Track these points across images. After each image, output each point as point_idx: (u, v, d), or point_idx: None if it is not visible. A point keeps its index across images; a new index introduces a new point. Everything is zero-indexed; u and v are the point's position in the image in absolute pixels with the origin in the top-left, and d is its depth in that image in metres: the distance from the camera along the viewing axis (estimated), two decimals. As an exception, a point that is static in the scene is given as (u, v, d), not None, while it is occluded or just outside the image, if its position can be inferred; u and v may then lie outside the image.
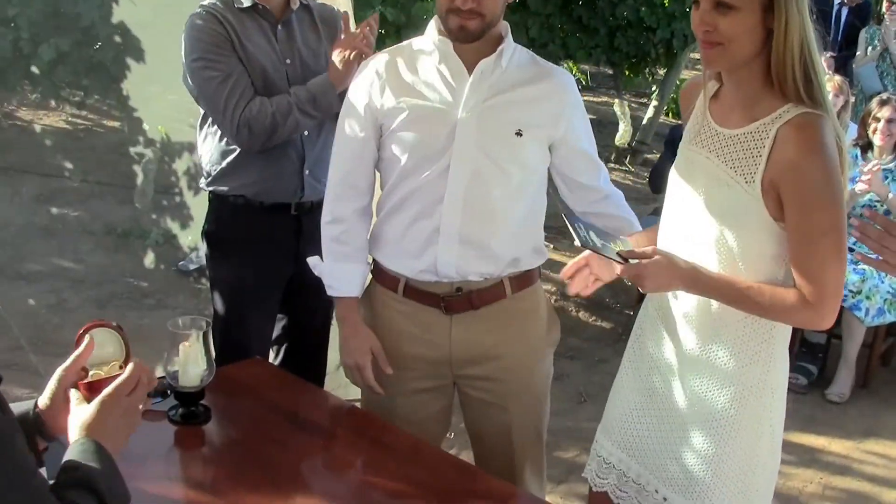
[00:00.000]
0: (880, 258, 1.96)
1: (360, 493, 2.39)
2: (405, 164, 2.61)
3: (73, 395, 1.83)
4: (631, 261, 2.21)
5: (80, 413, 1.79)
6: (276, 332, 3.47)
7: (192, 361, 2.41)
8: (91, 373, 1.93)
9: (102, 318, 2.11)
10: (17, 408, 1.80)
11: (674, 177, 2.36)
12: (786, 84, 2.11)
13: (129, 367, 1.85)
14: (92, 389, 1.85)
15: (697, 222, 2.26)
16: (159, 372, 2.39)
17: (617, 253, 2.24)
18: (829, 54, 8.21)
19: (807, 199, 2.10)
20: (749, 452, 2.33)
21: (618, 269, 2.25)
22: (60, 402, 1.87)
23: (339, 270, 2.77)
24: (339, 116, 2.77)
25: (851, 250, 5.10)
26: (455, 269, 2.61)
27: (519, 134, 2.57)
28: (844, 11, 8.42)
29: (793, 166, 2.09)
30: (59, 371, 1.90)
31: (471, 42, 2.53)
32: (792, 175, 2.09)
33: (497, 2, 2.52)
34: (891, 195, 5.09)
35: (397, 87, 2.62)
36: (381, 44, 2.98)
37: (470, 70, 2.57)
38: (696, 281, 2.22)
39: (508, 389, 2.71)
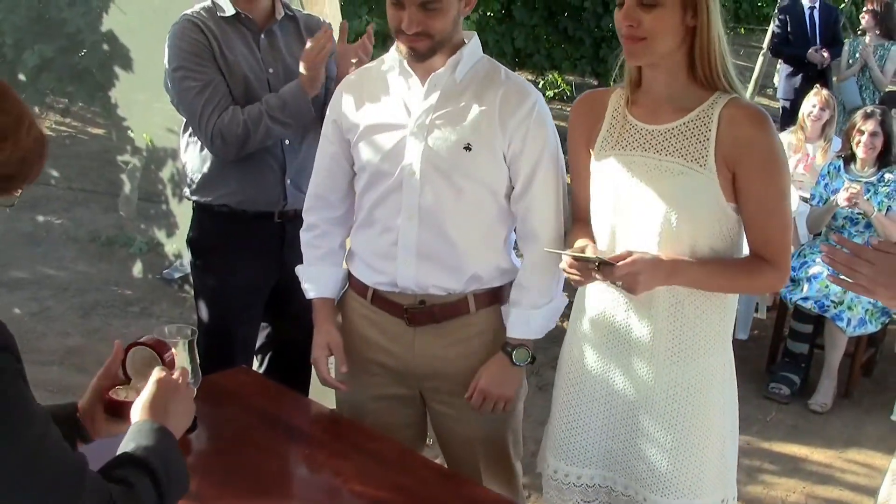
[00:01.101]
0: (851, 281, 2.00)
1: (345, 500, 2.39)
2: (366, 178, 2.62)
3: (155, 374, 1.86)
4: (618, 263, 2.22)
5: (141, 396, 1.80)
6: (260, 341, 3.47)
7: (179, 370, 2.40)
8: (123, 387, 1.96)
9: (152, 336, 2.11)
10: (57, 408, 1.83)
11: (603, 187, 2.39)
12: (712, 76, 2.25)
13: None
14: (112, 406, 1.88)
15: (649, 221, 2.30)
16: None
17: (596, 257, 2.26)
18: (815, 48, 8.29)
19: (766, 168, 2.24)
20: (721, 433, 2.41)
21: (599, 275, 2.25)
22: (96, 407, 1.89)
23: (310, 273, 2.81)
24: (321, 135, 2.79)
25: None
26: (415, 283, 2.61)
27: (468, 148, 2.51)
28: (816, 13, 8.49)
29: (749, 140, 2.22)
30: (96, 377, 1.94)
31: (422, 62, 2.50)
32: (749, 149, 2.22)
33: (447, 20, 2.45)
34: (875, 213, 5.12)
35: (359, 102, 2.62)
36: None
37: (424, 83, 2.55)
38: (679, 269, 2.27)
39: (469, 404, 2.68)
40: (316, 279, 2.81)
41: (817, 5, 8.55)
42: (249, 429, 2.58)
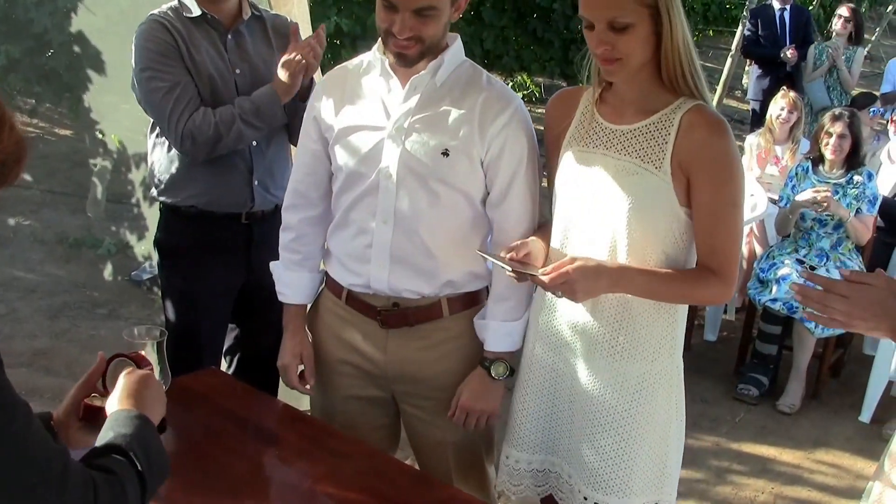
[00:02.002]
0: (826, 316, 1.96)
1: (316, 502, 2.38)
2: (342, 179, 2.61)
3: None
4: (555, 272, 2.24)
5: (115, 391, 1.81)
6: (228, 342, 3.46)
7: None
8: (100, 397, 1.94)
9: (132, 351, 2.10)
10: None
11: (565, 180, 2.42)
12: (678, 81, 2.27)
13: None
14: (88, 411, 1.86)
15: (602, 219, 2.33)
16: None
17: (510, 258, 2.29)
18: (790, 49, 8.36)
19: (719, 174, 2.25)
20: (663, 438, 2.43)
21: (542, 281, 2.26)
22: (71, 416, 1.88)
23: (287, 277, 2.80)
24: (301, 127, 2.77)
25: (801, 262, 5.20)
26: (388, 286, 2.60)
27: (445, 153, 2.49)
28: (787, 14, 8.58)
29: (704, 146, 2.24)
30: (75, 387, 1.92)
31: (410, 66, 2.47)
32: (703, 154, 2.24)
33: (438, 26, 2.43)
34: (850, 217, 5.17)
35: (338, 102, 2.60)
36: (337, 55, 2.99)
37: (405, 85, 2.52)
38: (623, 278, 2.28)
39: (441, 408, 2.68)
40: (293, 285, 2.80)
41: (788, 7, 8.64)
42: (219, 431, 2.57)
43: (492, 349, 2.63)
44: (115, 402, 1.78)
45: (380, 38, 2.53)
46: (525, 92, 11.39)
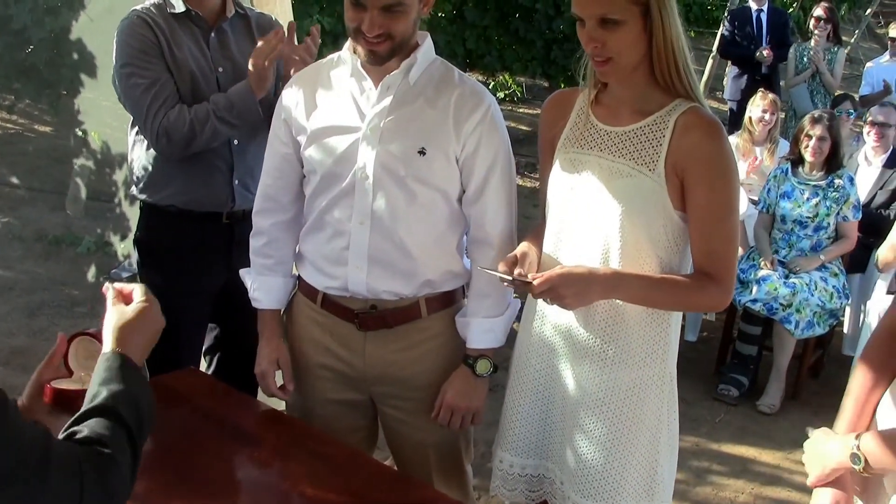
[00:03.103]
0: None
1: (295, 502, 2.37)
2: (316, 181, 2.58)
3: (109, 294, 1.82)
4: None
5: (114, 314, 1.77)
6: (208, 342, 3.44)
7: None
8: (66, 380, 1.91)
9: (86, 329, 2.05)
10: None
11: (558, 184, 2.40)
12: (672, 82, 2.26)
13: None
14: (56, 396, 1.82)
15: (595, 222, 2.31)
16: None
17: (519, 274, 2.26)
18: (766, 49, 8.39)
19: (715, 178, 2.24)
20: (652, 444, 2.41)
21: (531, 289, 2.25)
22: (36, 400, 1.84)
23: (260, 283, 2.78)
24: (270, 129, 2.74)
25: (783, 263, 5.23)
26: (366, 288, 2.58)
27: (422, 152, 2.48)
28: (763, 16, 8.63)
29: (699, 148, 2.22)
30: (36, 371, 1.90)
31: (381, 64, 2.46)
32: (698, 156, 2.22)
33: (408, 22, 2.42)
34: (823, 258, 5.29)
35: (310, 103, 2.58)
36: (319, 53, 2.96)
37: (378, 85, 2.51)
38: (617, 285, 2.27)
39: (421, 408, 2.67)
40: (266, 290, 2.78)
41: (765, 8, 8.68)
42: (198, 431, 2.56)
43: (475, 346, 2.62)
44: (108, 333, 1.73)
45: (349, 38, 2.51)
46: (507, 92, 11.40)
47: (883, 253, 4.61)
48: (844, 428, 2.12)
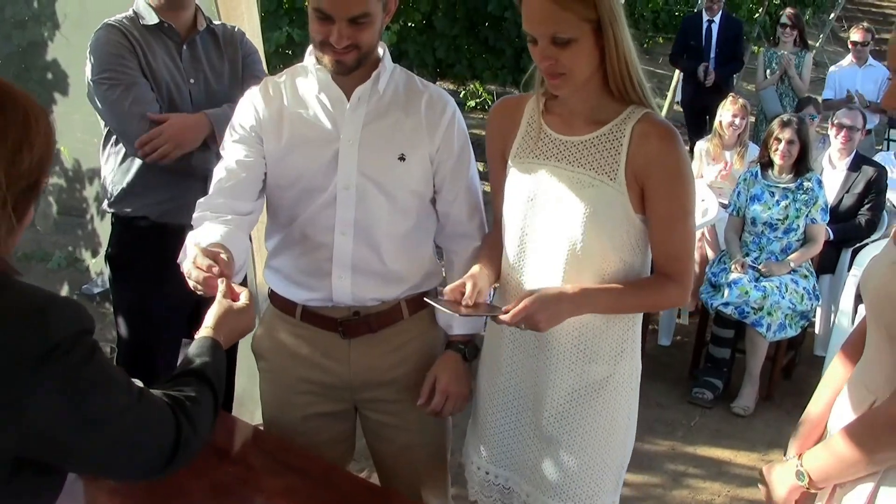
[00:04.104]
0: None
1: (273, 517, 2.37)
2: (291, 195, 2.55)
3: (221, 287, 2.17)
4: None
5: (220, 305, 2.12)
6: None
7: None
8: None
9: None
10: None
11: (516, 194, 2.41)
12: (626, 91, 2.27)
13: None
14: None
15: (559, 231, 2.33)
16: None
17: (489, 306, 2.31)
18: (703, 65, 8.46)
19: (672, 183, 2.28)
20: (624, 441, 2.49)
21: (502, 321, 2.26)
22: None
23: (211, 227, 2.46)
24: (224, 142, 2.62)
25: (753, 267, 5.26)
26: (351, 297, 2.59)
27: (402, 158, 2.52)
28: (714, 27, 8.66)
29: (657, 156, 2.25)
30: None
31: (348, 74, 2.46)
32: (657, 164, 2.25)
33: (373, 31, 2.43)
34: (791, 263, 5.33)
35: (281, 117, 2.54)
36: (289, 65, 2.97)
37: (349, 96, 2.51)
38: (585, 301, 2.30)
39: (408, 409, 2.68)
40: (214, 232, 2.42)
41: (717, 19, 8.68)
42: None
43: (459, 332, 2.66)
44: (207, 326, 2.05)
45: (310, 51, 2.53)
46: (478, 100, 11.42)
47: None
48: (802, 431, 2.29)
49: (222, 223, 2.47)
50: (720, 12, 8.76)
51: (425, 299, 2.49)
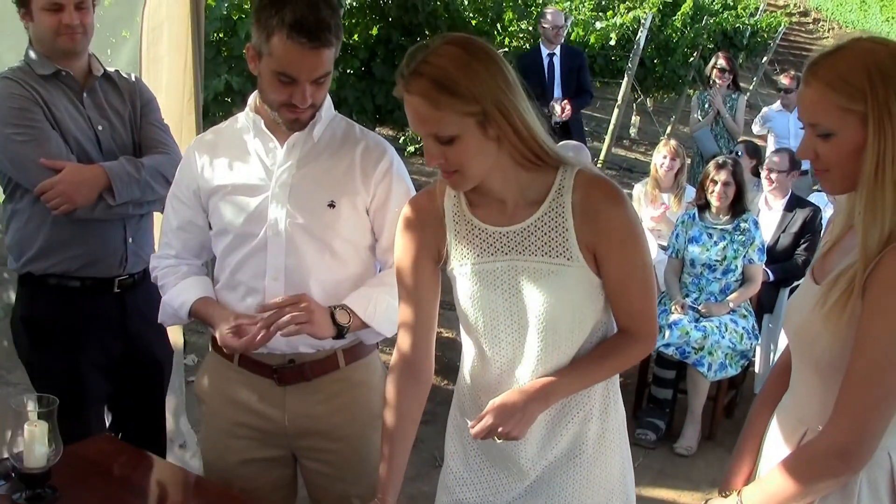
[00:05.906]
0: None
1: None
2: (227, 241, 2.59)
3: None
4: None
5: None
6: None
7: (38, 441, 2.30)
8: None
9: None
10: None
11: (472, 300, 2.24)
12: (542, 160, 2.14)
13: None
14: None
15: (525, 323, 2.21)
16: (2, 453, 2.29)
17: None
18: (562, 101, 7.90)
19: (625, 242, 2.16)
20: (622, 489, 2.38)
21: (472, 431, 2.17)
22: None
23: (184, 285, 2.67)
24: (168, 197, 2.71)
25: (693, 308, 5.30)
26: (285, 344, 2.56)
27: (332, 205, 2.52)
28: (556, 59, 8.23)
29: (605, 224, 2.14)
30: None
31: (302, 129, 2.52)
32: (608, 229, 2.14)
33: (328, 86, 2.50)
34: (730, 303, 5.39)
35: (215, 165, 2.59)
36: (228, 112, 2.97)
37: (283, 144, 2.54)
38: (552, 393, 2.19)
39: (344, 459, 2.67)
40: (192, 288, 2.65)
41: (557, 51, 8.25)
42: (115, 499, 2.50)
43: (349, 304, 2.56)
44: None
45: (251, 100, 2.58)
46: (417, 146, 11.46)
47: None
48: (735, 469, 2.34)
49: (194, 276, 2.68)
50: (559, 44, 8.30)
51: None
